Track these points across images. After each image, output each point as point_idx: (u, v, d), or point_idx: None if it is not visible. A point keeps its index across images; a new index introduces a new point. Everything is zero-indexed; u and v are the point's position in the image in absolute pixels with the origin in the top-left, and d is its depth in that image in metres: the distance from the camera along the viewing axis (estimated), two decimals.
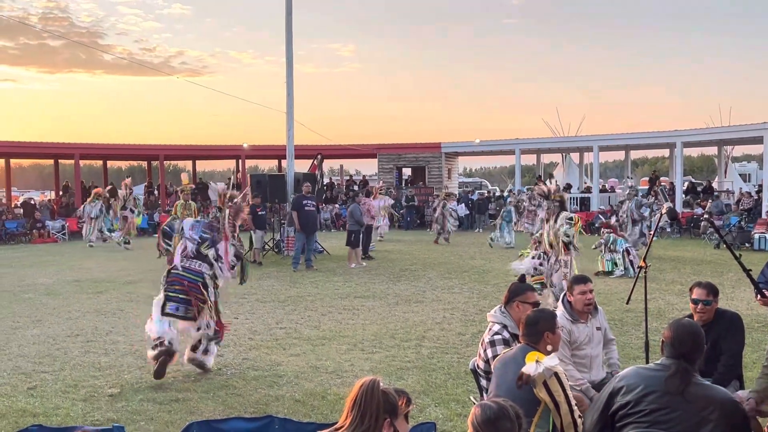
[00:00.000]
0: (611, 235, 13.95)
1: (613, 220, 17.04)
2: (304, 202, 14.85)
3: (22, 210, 26.75)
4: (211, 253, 6.71)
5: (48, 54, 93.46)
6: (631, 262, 13.30)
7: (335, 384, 6.22)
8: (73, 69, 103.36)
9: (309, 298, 10.86)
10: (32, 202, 28.77)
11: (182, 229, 6.90)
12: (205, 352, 6.67)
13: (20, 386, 6.26)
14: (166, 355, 6.31)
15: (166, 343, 6.34)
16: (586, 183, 32.20)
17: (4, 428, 5.03)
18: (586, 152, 32.33)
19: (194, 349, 6.66)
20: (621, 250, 13.53)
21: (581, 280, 4.89)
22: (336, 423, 2.89)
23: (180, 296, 6.54)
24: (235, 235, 7.01)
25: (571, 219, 8.85)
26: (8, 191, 31.79)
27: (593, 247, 13.96)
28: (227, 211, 6.85)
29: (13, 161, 32.71)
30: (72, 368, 6.86)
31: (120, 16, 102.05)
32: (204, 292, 6.60)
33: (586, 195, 28.89)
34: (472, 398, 5.03)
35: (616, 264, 13.34)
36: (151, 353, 6.39)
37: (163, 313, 6.50)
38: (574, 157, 34.51)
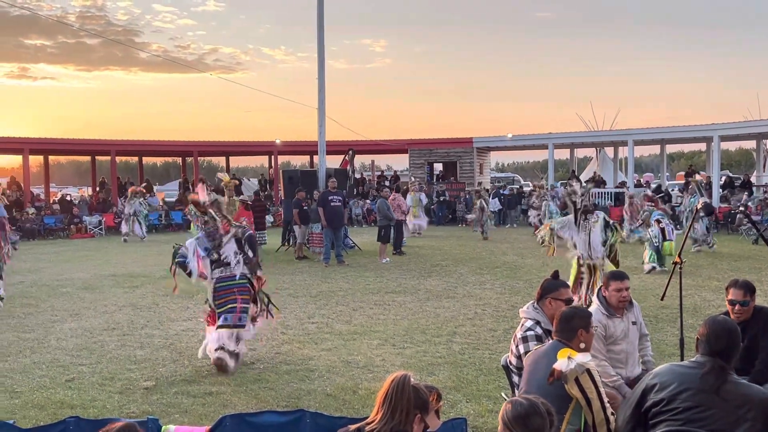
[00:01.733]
0: (651, 207, 13.70)
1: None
2: (330, 197, 14.90)
3: (59, 206, 27.32)
4: (229, 251, 6.78)
5: (85, 52, 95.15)
6: (662, 229, 13.09)
7: (366, 379, 6.25)
8: (109, 67, 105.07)
9: (340, 293, 10.91)
10: (69, 198, 29.36)
11: (190, 251, 6.84)
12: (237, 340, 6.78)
13: (59, 378, 6.40)
14: (228, 360, 6.53)
15: (228, 348, 6.54)
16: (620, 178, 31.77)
17: (44, 419, 5.14)
18: (620, 146, 31.89)
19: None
20: (653, 220, 13.33)
21: (618, 276, 4.83)
22: (367, 417, 2.91)
23: (230, 306, 6.67)
24: (232, 222, 7.07)
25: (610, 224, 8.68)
26: (47, 187, 32.49)
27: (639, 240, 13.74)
28: (211, 211, 6.84)
29: (51, 158, 33.45)
30: (108, 361, 7.00)
31: (155, 14, 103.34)
32: (251, 289, 6.81)
33: (621, 190, 28.48)
34: (503, 394, 5.01)
35: (660, 261, 13.07)
36: (216, 355, 6.54)
37: (218, 327, 6.64)
38: (609, 151, 34.04)
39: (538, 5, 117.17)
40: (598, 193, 26.93)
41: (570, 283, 8.41)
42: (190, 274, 6.82)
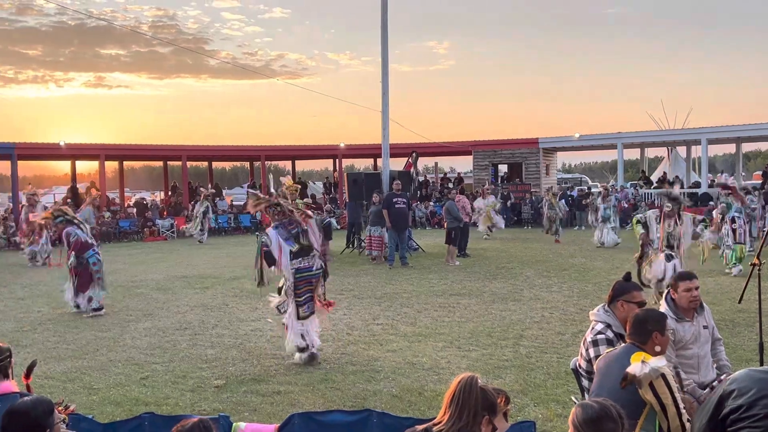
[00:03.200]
0: (728, 199, 13.20)
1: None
2: (395, 199, 14.94)
3: (135, 209, 28.29)
4: (311, 240, 7.03)
5: (157, 60, 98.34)
6: (733, 230, 12.60)
7: (432, 380, 6.23)
8: (180, 74, 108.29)
9: (405, 295, 10.92)
10: (145, 201, 30.38)
11: (273, 241, 6.99)
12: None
13: (133, 376, 6.62)
14: (314, 359, 6.87)
15: (311, 349, 6.87)
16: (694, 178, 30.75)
17: (120, 415, 5.29)
18: (693, 145, 30.86)
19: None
20: (728, 219, 12.84)
21: (686, 276, 4.67)
22: (434, 419, 2.90)
23: (309, 295, 6.96)
24: (306, 212, 7.25)
25: (704, 220, 8.80)
26: (121, 192, 33.69)
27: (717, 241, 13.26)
28: (282, 204, 7.09)
29: (125, 163, 34.63)
30: (180, 360, 7.19)
31: (224, 22, 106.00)
32: (322, 280, 7.09)
33: (695, 190, 27.59)
34: (573, 398, 4.91)
35: (740, 259, 12.58)
36: (299, 356, 6.88)
37: (299, 318, 6.89)
38: (681, 150, 33.00)
39: (607, 1, 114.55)
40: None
41: None
42: (272, 264, 6.97)
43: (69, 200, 26.83)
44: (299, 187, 7.80)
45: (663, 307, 4.62)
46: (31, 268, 16.02)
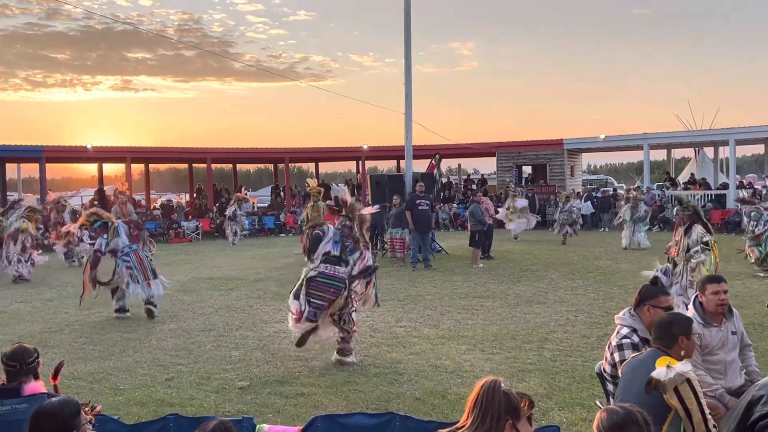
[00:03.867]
0: (757, 208, 13.02)
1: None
2: (418, 201, 14.93)
3: (161, 211, 28.59)
4: (352, 258, 7.02)
5: (183, 64, 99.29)
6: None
7: (455, 383, 6.21)
8: (205, 77, 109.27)
9: (428, 297, 10.89)
10: (171, 203, 30.69)
11: (328, 234, 7.16)
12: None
13: (159, 377, 6.68)
14: (311, 330, 6.79)
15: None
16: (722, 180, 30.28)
17: (145, 416, 5.35)
18: (721, 146, 30.40)
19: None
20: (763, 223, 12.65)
21: (714, 279, 4.59)
22: (457, 422, 2.89)
23: (322, 303, 6.83)
24: (367, 245, 7.31)
25: (707, 244, 8.09)
26: (147, 194, 34.04)
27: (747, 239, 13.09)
28: (357, 222, 7.16)
29: (151, 166, 35.01)
30: (205, 361, 7.25)
31: (249, 25, 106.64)
32: (341, 295, 6.92)
33: (722, 192, 27.18)
34: (597, 403, 4.86)
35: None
36: (297, 327, 6.84)
37: (306, 320, 6.85)
38: (708, 151, 32.54)
39: (632, 2, 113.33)
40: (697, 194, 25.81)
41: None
42: (313, 249, 7.10)
43: (96, 202, 27.20)
44: (322, 189, 7.88)
45: (690, 312, 4.54)
46: (60, 270, 16.25)
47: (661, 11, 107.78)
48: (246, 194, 25.03)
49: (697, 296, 4.64)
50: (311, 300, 6.80)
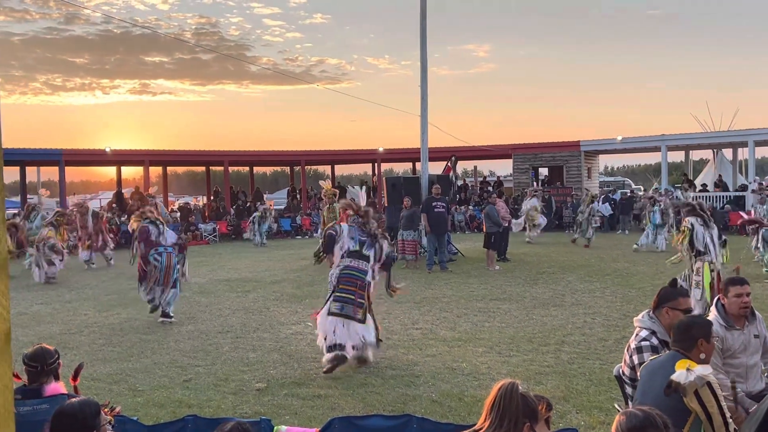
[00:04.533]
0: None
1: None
2: (434, 203, 14.93)
3: (179, 213, 28.78)
4: (371, 253, 7.17)
5: (200, 67, 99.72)
6: None
7: (472, 386, 6.19)
8: (222, 81, 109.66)
9: (444, 300, 10.88)
10: (189, 206, 30.88)
11: (342, 233, 7.26)
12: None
13: (177, 378, 6.72)
14: (340, 361, 6.74)
15: (340, 351, 6.77)
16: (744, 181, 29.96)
17: (164, 417, 5.38)
18: (740, 148, 30.11)
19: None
20: None
21: (738, 281, 4.54)
22: (474, 425, 2.88)
23: (349, 296, 6.94)
24: (385, 236, 7.48)
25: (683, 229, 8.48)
26: (165, 197, 34.24)
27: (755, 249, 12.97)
28: (370, 219, 7.33)
29: (169, 168, 35.27)
30: (223, 363, 7.28)
31: (265, 29, 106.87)
32: (366, 286, 7.10)
33: (741, 194, 26.90)
34: (616, 405, 4.83)
35: None
36: (326, 357, 6.81)
37: (329, 313, 6.92)
38: (727, 153, 32.22)
39: (650, 3, 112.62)
40: (716, 196, 25.61)
41: (707, 291, 8.09)
42: (329, 249, 7.22)
43: (114, 205, 27.44)
44: (337, 191, 8.01)
45: (713, 314, 4.50)
46: (80, 272, 16.40)
47: (678, 12, 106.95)
48: (268, 206, 25.89)
49: (719, 298, 4.60)
50: (337, 294, 6.94)
